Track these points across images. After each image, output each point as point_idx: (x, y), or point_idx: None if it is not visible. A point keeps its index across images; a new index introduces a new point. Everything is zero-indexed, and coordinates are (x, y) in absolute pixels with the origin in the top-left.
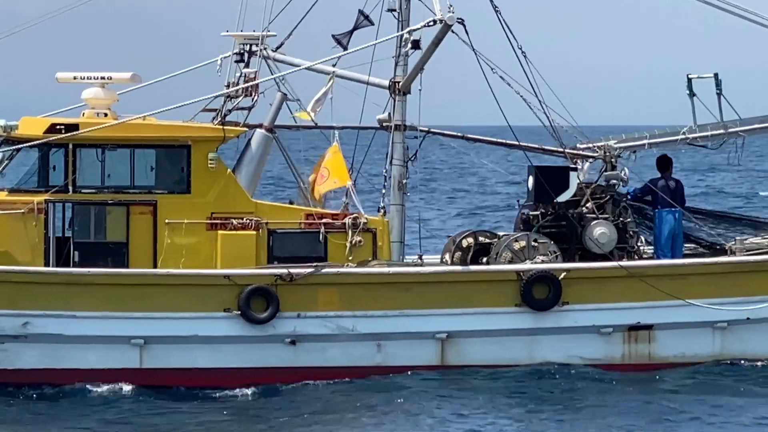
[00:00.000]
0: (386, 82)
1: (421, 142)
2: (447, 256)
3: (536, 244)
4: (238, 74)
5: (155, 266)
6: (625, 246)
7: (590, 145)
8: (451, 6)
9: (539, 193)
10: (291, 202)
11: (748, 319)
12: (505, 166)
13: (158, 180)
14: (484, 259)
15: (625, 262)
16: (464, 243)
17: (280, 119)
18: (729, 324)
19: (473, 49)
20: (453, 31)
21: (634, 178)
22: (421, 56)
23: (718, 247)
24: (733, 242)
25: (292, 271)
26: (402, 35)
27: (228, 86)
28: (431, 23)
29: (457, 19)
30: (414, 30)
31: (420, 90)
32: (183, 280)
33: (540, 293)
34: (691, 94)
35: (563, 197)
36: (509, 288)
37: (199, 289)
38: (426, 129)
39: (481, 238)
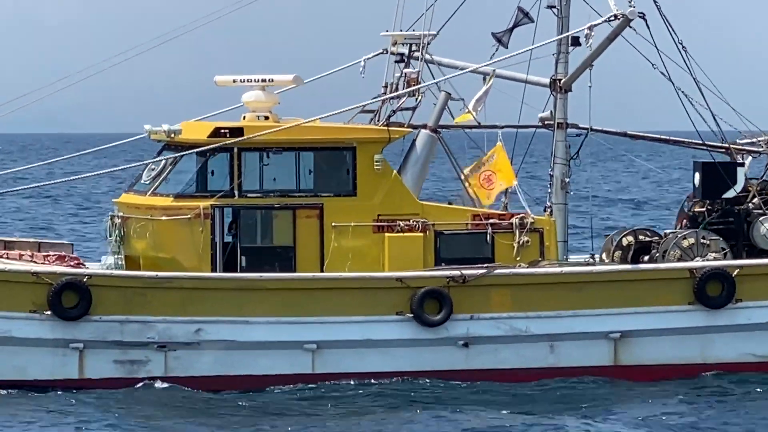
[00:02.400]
0: (547, 80)
1: (583, 140)
2: (606, 255)
3: (706, 241)
4: (397, 74)
5: (322, 270)
6: None
7: (752, 140)
8: (631, 0)
9: (707, 189)
10: (450, 203)
11: None
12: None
13: (324, 183)
14: (645, 258)
15: None
16: (624, 241)
17: (442, 120)
18: None
19: (654, 45)
20: (631, 26)
21: None
22: (592, 52)
23: None
24: None
25: (464, 272)
26: (562, 32)
27: (386, 86)
28: (612, 18)
29: (639, 13)
30: (596, 25)
31: (590, 87)
32: (355, 284)
33: (714, 291)
34: None
35: (731, 193)
36: (683, 286)
37: (371, 292)
38: (588, 127)
39: (641, 237)
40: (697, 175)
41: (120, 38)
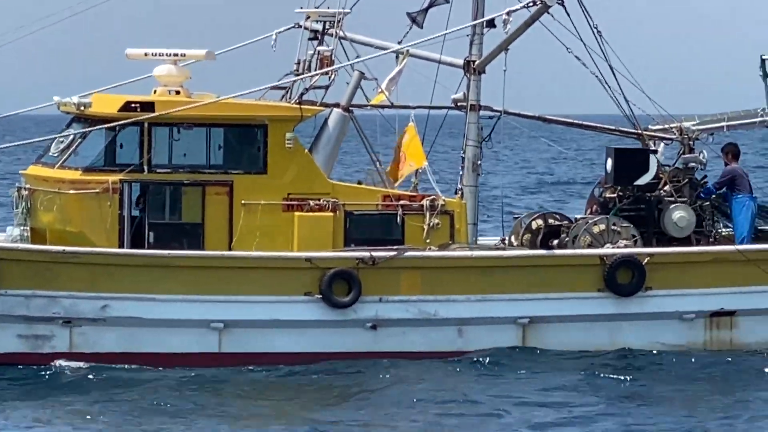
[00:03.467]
0: (460, 62)
1: (495, 123)
2: (515, 238)
3: (617, 228)
4: (310, 52)
5: (230, 248)
6: (702, 230)
7: (664, 126)
8: None
9: (619, 176)
10: (360, 183)
11: None
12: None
13: (234, 160)
14: (555, 242)
15: (742, 246)
16: (534, 225)
17: (356, 99)
18: None
19: (575, 30)
20: (549, 13)
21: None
22: (508, 36)
23: None
24: None
25: (374, 254)
26: (477, 14)
27: (299, 63)
28: (531, 3)
29: (557, 0)
30: (514, 10)
31: (505, 70)
32: (263, 263)
33: (624, 278)
34: (765, 75)
35: (643, 180)
36: (592, 273)
37: (280, 272)
38: (501, 110)
39: (550, 220)
40: (609, 161)
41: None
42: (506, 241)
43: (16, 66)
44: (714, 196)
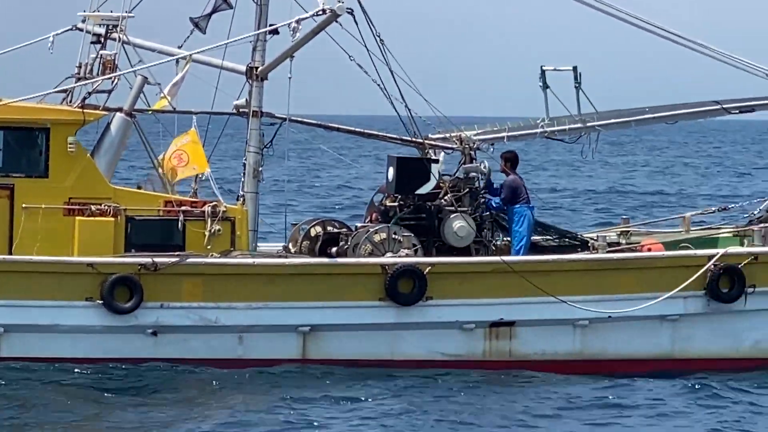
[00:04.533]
0: (243, 68)
1: (277, 130)
2: (293, 245)
3: (398, 237)
4: (93, 55)
5: (11, 252)
6: (482, 240)
7: (445, 135)
8: None
9: (400, 184)
10: (139, 187)
11: (609, 317)
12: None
13: (15, 163)
14: (333, 249)
15: (507, 258)
16: (312, 232)
17: (138, 103)
18: (590, 322)
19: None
20: (338, 21)
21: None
22: (294, 43)
23: (579, 242)
24: (596, 239)
25: (156, 260)
26: (261, 21)
27: (80, 66)
28: (320, 12)
29: (347, 9)
30: (303, 19)
31: (290, 78)
32: (44, 268)
33: (405, 288)
34: (545, 86)
35: (424, 189)
36: (374, 282)
37: (61, 276)
38: (284, 116)
39: (329, 228)
40: (391, 170)
41: None
42: (287, 249)
43: None
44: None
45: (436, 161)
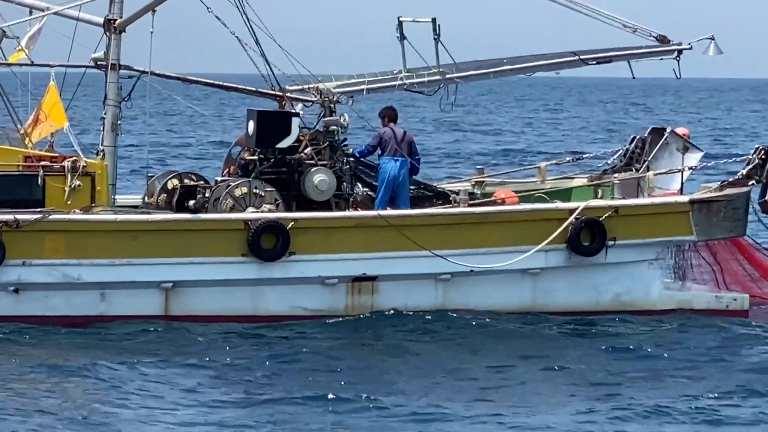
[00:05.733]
0: (101, 20)
1: (135, 83)
2: (150, 198)
3: (260, 192)
4: None
5: None
6: (342, 193)
7: (303, 87)
8: None
9: (261, 138)
10: None
11: (471, 271)
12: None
13: None
14: (191, 203)
15: (384, 212)
16: (169, 184)
17: None
18: (452, 276)
19: None
20: None
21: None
22: None
23: (442, 196)
24: (458, 193)
25: (18, 217)
26: None
27: None
28: None
29: None
30: None
31: (152, 32)
32: None
33: (268, 243)
34: (401, 38)
35: (285, 143)
36: (237, 237)
37: None
38: (142, 69)
39: (186, 180)
40: (252, 123)
41: None
42: (145, 202)
43: None
44: (359, 158)
45: (297, 114)
